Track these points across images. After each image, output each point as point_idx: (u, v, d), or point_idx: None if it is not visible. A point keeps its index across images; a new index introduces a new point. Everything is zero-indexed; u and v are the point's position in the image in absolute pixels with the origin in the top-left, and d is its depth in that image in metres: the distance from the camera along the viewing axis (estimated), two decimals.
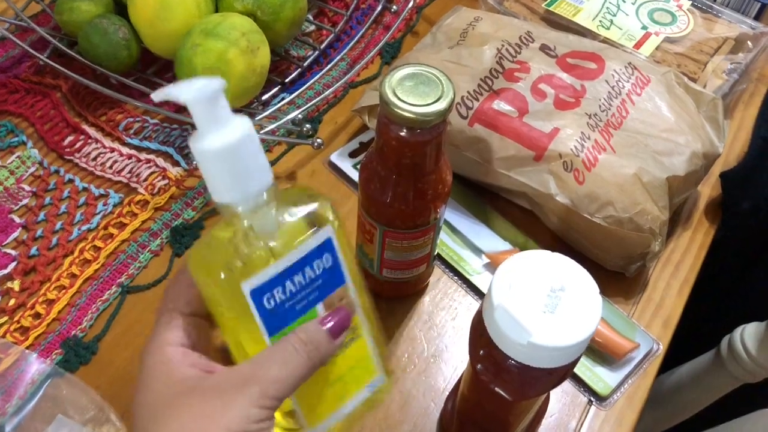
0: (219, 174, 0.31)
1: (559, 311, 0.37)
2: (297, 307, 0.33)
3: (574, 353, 0.38)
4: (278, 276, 0.32)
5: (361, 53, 0.72)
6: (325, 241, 0.33)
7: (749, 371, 0.62)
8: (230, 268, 0.31)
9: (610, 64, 0.60)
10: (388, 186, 0.45)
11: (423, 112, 0.40)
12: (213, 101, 0.30)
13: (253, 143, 0.31)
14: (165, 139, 0.64)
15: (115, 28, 0.62)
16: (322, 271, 0.34)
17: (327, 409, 0.36)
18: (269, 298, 0.32)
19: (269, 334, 0.33)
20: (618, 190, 0.54)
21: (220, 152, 0.30)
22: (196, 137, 0.31)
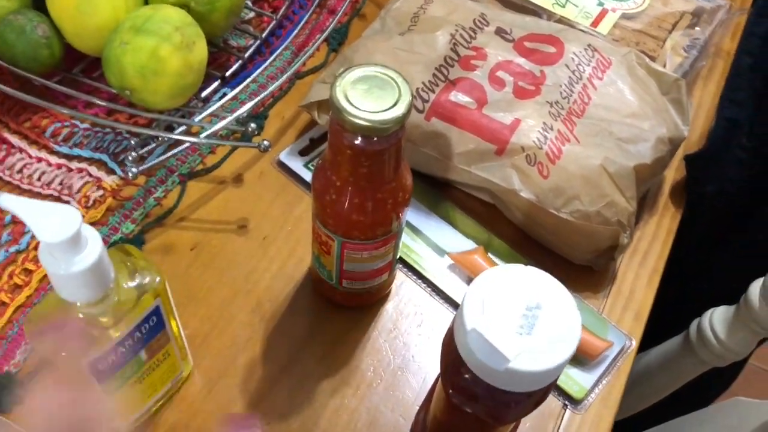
0: (69, 285, 0.34)
1: (536, 331, 0.35)
2: (124, 360, 0.39)
3: (554, 374, 0.35)
4: (112, 348, 0.38)
5: (306, 40, 0.68)
6: (154, 309, 0.39)
7: (718, 355, 0.61)
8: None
9: (569, 46, 0.57)
10: (344, 196, 0.41)
11: (380, 119, 0.37)
12: (73, 238, 0.32)
13: (102, 261, 0.34)
14: (98, 145, 0.59)
15: (32, 25, 0.57)
16: (148, 329, 0.40)
17: (138, 406, 0.44)
18: (102, 363, 0.38)
19: (101, 383, 0.38)
20: (584, 183, 0.51)
21: (74, 275, 0.33)
22: (49, 253, 0.33)
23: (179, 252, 0.54)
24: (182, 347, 0.46)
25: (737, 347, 0.60)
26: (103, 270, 0.35)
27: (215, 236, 0.55)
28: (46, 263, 0.33)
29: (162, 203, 0.56)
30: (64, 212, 0.33)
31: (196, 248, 0.54)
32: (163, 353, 0.43)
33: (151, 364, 0.42)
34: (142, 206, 0.56)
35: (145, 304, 0.39)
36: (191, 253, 0.54)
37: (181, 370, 0.47)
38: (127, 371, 0.40)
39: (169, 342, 0.43)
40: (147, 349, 0.41)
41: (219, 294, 0.52)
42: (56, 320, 0.36)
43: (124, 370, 0.40)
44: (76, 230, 0.32)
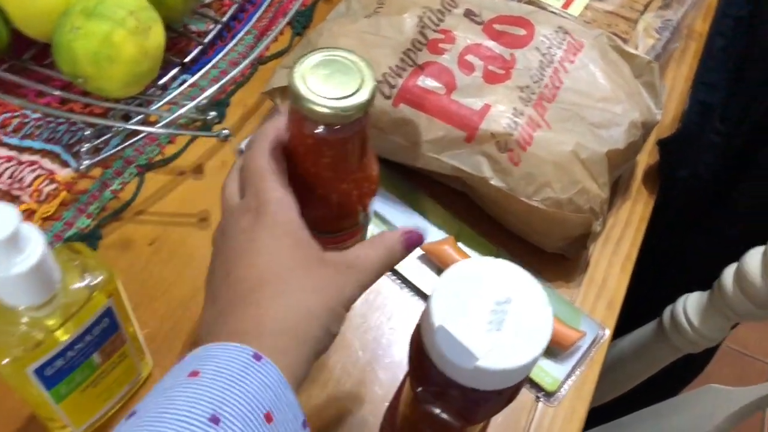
0: (9, 289, 0.33)
1: (506, 327, 0.33)
2: (74, 363, 0.38)
3: (525, 372, 0.34)
4: (60, 351, 0.36)
5: (269, 24, 0.65)
6: (105, 310, 0.38)
7: (691, 342, 0.61)
8: (12, 355, 0.34)
9: (540, 29, 0.56)
10: (306, 189, 0.39)
11: (342, 106, 0.35)
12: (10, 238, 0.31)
13: (46, 261, 0.33)
14: (50, 136, 0.56)
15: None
16: (101, 331, 0.38)
17: (94, 410, 0.43)
18: (50, 368, 0.36)
19: (47, 388, 0.37)
20: (555, 170, 0.50)
21: (14, 278, 0.32)
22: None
23: (137, 247, 0.51)
24: (140, 348, 0.44)
25: (711, 333, 0.59)
26: (47, 271, 0.33)
27: (175, 230, 0.52)
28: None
29: (119, 196, 0.54)
30: (1, 211, 0.30)
31: (155, 243, 0.52)
32: (118, 355, 0.41)
33: (105, 367, 0.40)
34: (98, 200, 0.53)
35: (95, 305, 0.37)
36: (150, 248, 0.51)
37: (139, 372, 0.45)
38: (78, 376, 0.38)
39: (124, 343, 0.41)
40: (100, 351, 0.39)
41: (180, 291, 0.50)
42: None
43: (75, 375, 0.38)
44: (12, 231, 0.30)
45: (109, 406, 0.43)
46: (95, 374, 0.40)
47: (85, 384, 0.39)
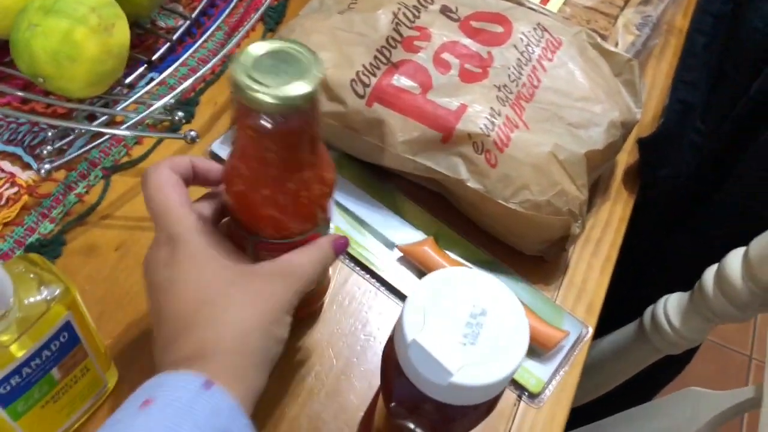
0: None
1: (481, 340, 0.32)
2: (32, 379, 0.36)
3: (501, 386, 0.33)
4: (16, 368, 0.35)
5: (240, 20, 0.64)
6: (64, 324, 0.36)
7: (672, 342, 0.60)
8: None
9: (518, 26, 0.55)
10: (252, 187, 0.37)
11: (285, 95, 0.33)
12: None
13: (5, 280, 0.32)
14: (11, 137, 0.54)
15: None
16: (60, 345, 0.37)
17: (54, 426, 0.41)
18: (5, 386, 0.35)
19: (3, 406, 0.36)
20: (533, 171, 0.49)
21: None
22: None
23: (103, 253, 0.50)
24: (104, 359, 0.42)
25: (691, 334, 0.58)
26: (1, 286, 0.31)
27: (142, 235, 0.51)
28: None
29: (84, 200, 0.52)
30: None
31: (122, 248, 0.50)
32: (80, 369, 0.39)
33: (66, 381, 0.38)
34: (61, 204, 0.51)
35: (53, 319, 0.35)
36: (116, 253, 0.50)
37: (105, 384, 0.43)
38: (37, 392, 0.37)
39: (86, 357, 0.39)
40: (60, 366, 0.37)
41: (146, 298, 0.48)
42: None
43: (33, 391, 0.36)
44: None
45: (73, 420, 0.42)
46: (55, 389, 0.38)
47: (45, 400, 0.38)
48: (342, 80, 0.51)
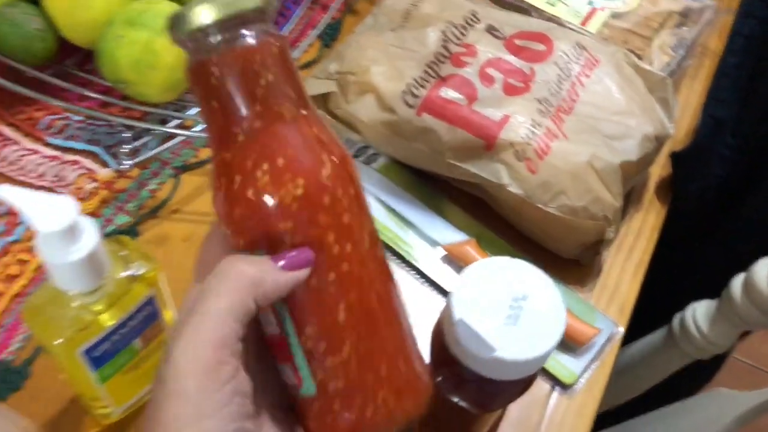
0: (64, 275, 0.35)
1: (521, 322, 0.36)
2: (119, 347, 0.40)
3: (539, 363, 0.37)
4: (107, 335, 0.39)
5: (299, 36, 0.68)
6: (147, 299, 0.40)
7: (700, 348, 0.63)
8: (65, 336, 0.37)
9: (559, 44, 0.58)
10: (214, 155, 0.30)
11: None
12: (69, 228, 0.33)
13: (99, 251, 0.35)
14: (91, 137, 0.59)
15: (26, 18, 0.57)
16: (143, 318, 0.41)
17: (133, 392, 0.45)
18: (96, 350, 0.39)
19: (94, 369, 0.40)
20: (571, 179, 0.52)
21: (70, 264, 0.34)
22: (45, 243, 0.34)
23: (172, 243, 0.54)
24: None
25: (719, 340, 0.61)
26: (99, 260, 0.36)
27: (208, 228, 0.55)
28: (42, 253, 0.34)
29: (156, 195, 0.57)
30: (60, 203, 0.33)
31: (189, 239, 0.55)
32: (157, 342, 0.44)
33: (145, 352, 0.43)
34: (135, 198, 0.56)
35: (138, 294, 0.40)
36: (184, 244, 0.54)
37: None
38: (121, 358, 0.41)
39: (163, 331, 0.44)
40: (142, 337, 0.42)
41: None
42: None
43: (118, 358, 0.41)
44: (72, 220, 0.33)
45: (146, 390, 0.46)
46: (136, 358, 0.42)
47: (127, 367, 0.42)
48: (394, 92, 0.55)
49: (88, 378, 0.40)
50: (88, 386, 0.41)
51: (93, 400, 0.43)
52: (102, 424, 0.46)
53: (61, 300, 0.37)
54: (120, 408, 0.45)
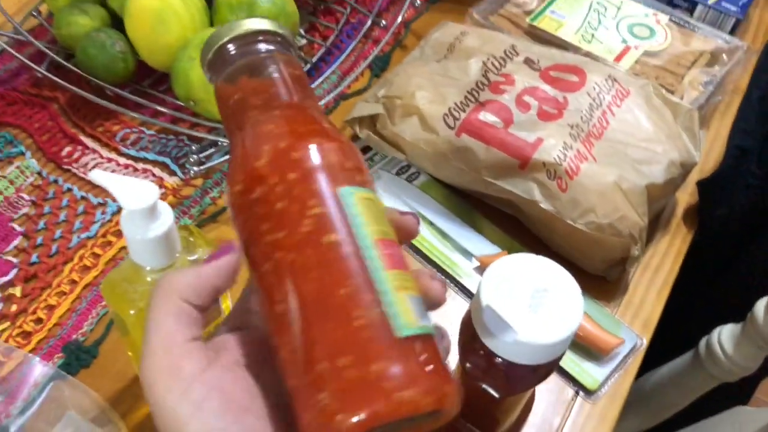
0: (143, 250, 0.40)
1: (542, 311, 0.39)
2: None
3: (557, 350, 0.40)
4: None
5: (351, 66, 0.75)
6: None
7: (727, 371, 0.65)
8: (138, 307, 0.42)
9: (592, 76, 0.63)
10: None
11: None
12: (151, 208, 0.38)
13: (173, 232, 0.40)
14: (161, 149, 0.65)
15: (112, 42, 0.64)
16: None
17: None
18: None
19: None
20: (599, 197, 0.56)
21: (149, 240, 0.39)
22: (129, 220, 0.39)
23: None
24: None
25: (745, 362, 0.63)
26: (172, 240, 0.41)
27: None
28: (126, 229, 0.39)
29: (216, 202, 0.62)
30: (144, 186, 0.39)
31: None
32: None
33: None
34: (198, 204, 0.62)
35: None
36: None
37: None
38: None
39: (220, 316, 0.48)
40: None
41: None
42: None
43: None
44: (154, 201, 0.38)
45: None
46: None
47: None
48: (436, 114, 0.60)
49: None
50: None
51: None
52: None
53: (137, 275, 0.42)
54: None
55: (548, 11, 0.76)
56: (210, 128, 0.65)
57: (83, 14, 0.66)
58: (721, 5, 0.78)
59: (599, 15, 0.76)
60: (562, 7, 0.76)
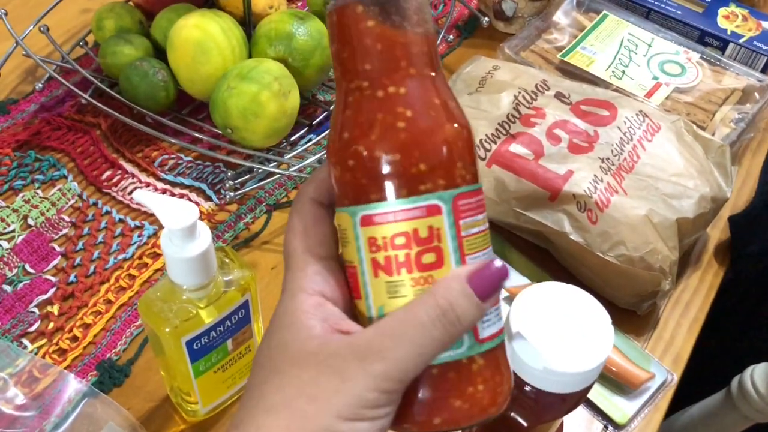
0: (181, 269, 0.41)
1: (572, 339, 0.40)
2: (214, 344, 0.46)
3: (587, 379, 0.40)
4: (206, 330, 0.45)
5: None
6: (243, 303, 0.46)
7: (760, 411, 0.63)
8: (173, 325, 0.43)
9: (622, 111, 0.63)
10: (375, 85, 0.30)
11: None
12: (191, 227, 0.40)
13: (210, 252, 0.41)
14: (198, 175, 0.67)
15: (154, 71, 0.67)
16: (237, 320, 0.46)
17: (219, 394, 0.51)
18: (196, 343, 0.45)
19: (191, 361, 0.46)
20: (629, 230, 0.56)
21: (187, 259, 0.40)
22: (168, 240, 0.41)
23: (261, 270, 0.61)
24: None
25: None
26: (210, 259, 0.42)
27: None
28: (165, 248, 0.41)
29: (250, 228, 0.64)
30: (184, 206, 0.40)
31: (276, 268, 0.61)
32: (245, 347, 0.49)
33: (235, 354, 0.49)
34: (232, 229, 0.63)
35: (234, 298, 0.46)
36: (272, 272, 0.61)
37: None
38: (214, 356, 0.47)
39: (251, 338, 0.49)
40: (233, 339, 0.47)
41: None
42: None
43: (212, 355, 0.47)
44: (194, 220, 0.40)
45: (230, 394, 0.51)
46: (227, 358, 0.48)
47: (218, 365, 0.48)
48: None
49: (186, 369, 0.46)
50: (184, 378, 0.47)
51: (185, 395, 0.49)
52: (189, 421, 0.52)
53: (173, 294, 0.43)
54: (206, 408, 0.51)
55: (579, 47, 0.77)
56: (246, 155, 0.67)
57: (128, 44, 0.69)
58: (753, 44, 0.78)
59: (630, 52, 0.77)
60: (593, 43, 0.77)
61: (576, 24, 0.81)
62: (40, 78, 0.74)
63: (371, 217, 0.30)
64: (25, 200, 0.64)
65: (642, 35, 0.78)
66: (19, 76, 0.76)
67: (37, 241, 0.61)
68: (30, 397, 0.51)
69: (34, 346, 0.55)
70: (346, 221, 0.30)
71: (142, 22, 0.73)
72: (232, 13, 0.70)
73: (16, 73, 0.76)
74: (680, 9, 0.82)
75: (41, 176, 0.66)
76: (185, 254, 0.40)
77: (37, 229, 0.62)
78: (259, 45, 0.67)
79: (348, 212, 0.30)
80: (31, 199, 0.64)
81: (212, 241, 0.42)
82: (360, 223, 0.30)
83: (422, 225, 0.29)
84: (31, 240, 0.61)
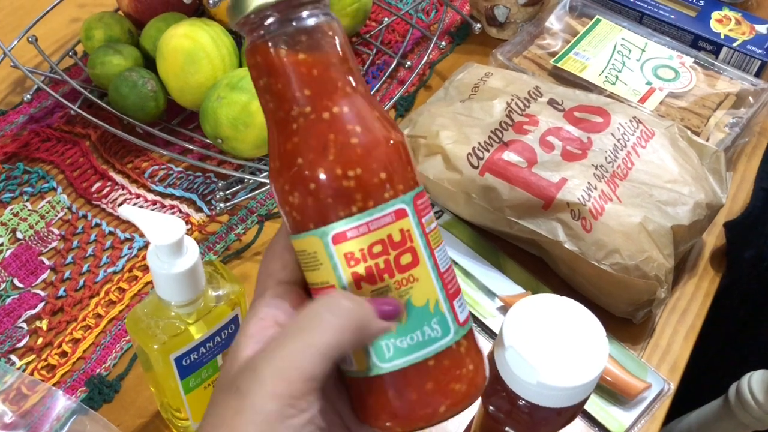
0: (168, 285, 0.41)
1: (567, 353, 0.39)
2: (204, 360, 0.45)
3: (582, 393, 0.39)
4: (195, 346, 0.44)
5: None
6: (233, 317, 0.45)
7: (758, 418, 0.63)
8: (161, 341, 0.42)
9: (616, 117, 0.63)
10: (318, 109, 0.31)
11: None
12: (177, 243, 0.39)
13: (198, 267, 0.41)
14: (189, 186, 0.66)
15: (143, 81, 0.66)
16: (227, 335, 0.45)
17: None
18: (186, 359, 0.44)
19: (181, 378, 0.45)
20: (624, 238, 0.56)
21: (174, 275, 0.40)
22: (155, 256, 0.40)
23: (253, 282, 0.59)
24: None
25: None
26: (198, 275, 0.41)
27: None
28: (152, 264, 0.40)
29: (241, 239, 0.63)
30: (171, 221, 0.39)
31: None
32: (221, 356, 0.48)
33: None
34: (223, 240, 0.63)
35: (224, 313, 0.45)
36: None
37: None
38: (204, 372, 0.46)
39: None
40: (224, 355, 0.47)
41: None
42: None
43: (202, 371, 0.46)
44: (181, 236, 0.39)
45: None
46: (217, 375, 0.47)
47: (208, 381, 0.47)
48: (460, 153, 0.61)
49: (175, 386, 0.45)
50: (174, 395, 0.46)
51: (176, 411, 0.48)
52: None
53: (161, 310, 0.43)
54: (197, 423, 0.50)
55: (572, 53, 0.76)
56: (237, 166, 0.66)
57: (117, 54, 0.68)
58: (746, 48, 0.78)
59: (623, 57, 0.76)
60: (586, 49, 0.77)
61: (569, 29, 0.81)
62: (28, 89, 0.74)
63: (344, 233, 0.30)
64: (14, 213, 0.63)
65: (635, 40, 0.78)
66: (8, 87, 0.75)
67: (25, 255, 0.60)
68: (18, 415, 0.50)
69: (22, 362, 0.54)
70: (315, 244, 0.31)
71: (132, 32, 0.72)
72: (222, 22, 0.70)
73: (5, 84, 0.75)
74: (673, 13, 0.82)
75: (30, 189, 0.65)
76: (172, 270, 0.40)
77: (26, 243, 0.61)
78: None
79: (315, 235, 0.31)
80: (19, 212, 0.64)
81: (200, 256, 0.41)
82: (332, 242, 0.30)
83: (394, 229, 0.31)
84: (19, 254, 0.60)
